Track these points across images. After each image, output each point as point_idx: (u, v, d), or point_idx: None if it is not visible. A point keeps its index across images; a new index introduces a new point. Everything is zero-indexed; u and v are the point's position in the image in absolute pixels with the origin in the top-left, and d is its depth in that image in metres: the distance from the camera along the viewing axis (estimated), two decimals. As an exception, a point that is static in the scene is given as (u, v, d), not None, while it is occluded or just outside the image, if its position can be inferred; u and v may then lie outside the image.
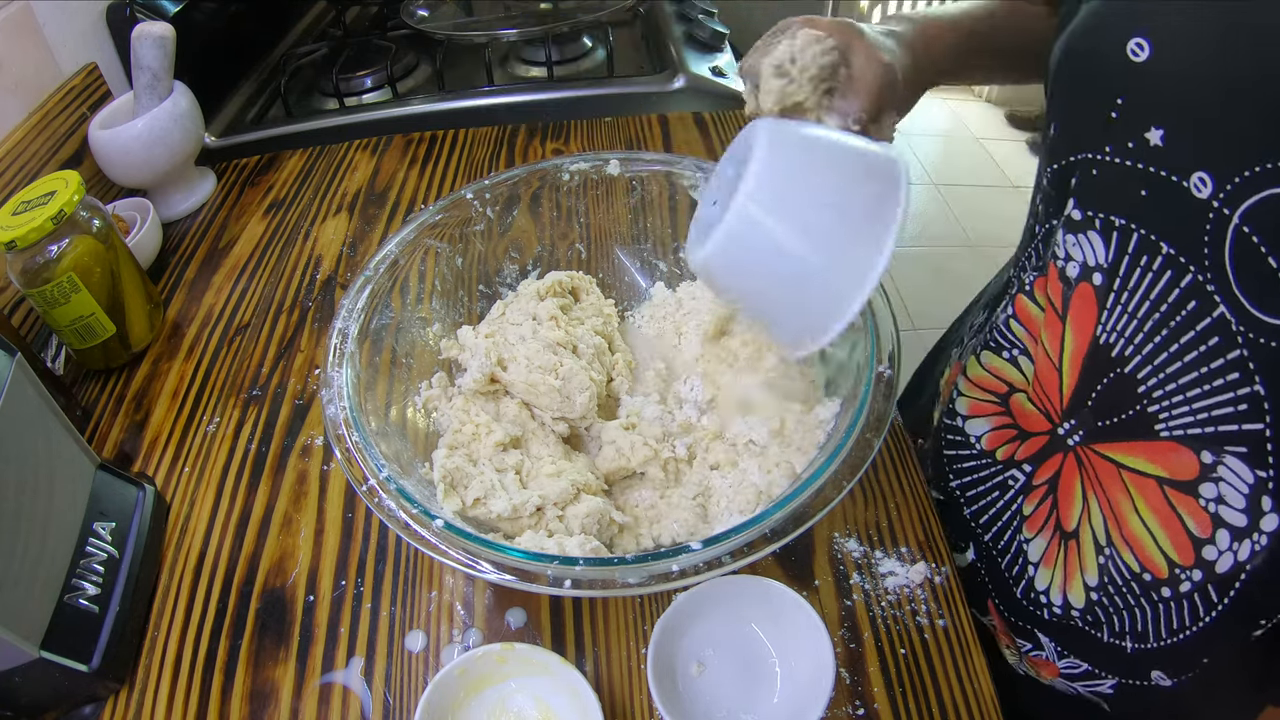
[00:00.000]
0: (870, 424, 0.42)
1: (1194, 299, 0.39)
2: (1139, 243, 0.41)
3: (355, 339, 0.50)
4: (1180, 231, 0.39)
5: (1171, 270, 0.40)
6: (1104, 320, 0.44)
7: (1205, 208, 0.37)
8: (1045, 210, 0.50)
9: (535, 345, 0.53)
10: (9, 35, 0.77)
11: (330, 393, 0.47)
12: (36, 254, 0.61)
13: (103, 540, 0.51)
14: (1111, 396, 0.45)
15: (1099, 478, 0.47)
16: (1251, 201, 0.35)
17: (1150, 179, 0.40)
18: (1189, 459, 0.41)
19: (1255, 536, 0.39)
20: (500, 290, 0.64)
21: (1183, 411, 0.41)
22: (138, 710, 0.48)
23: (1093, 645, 0.51)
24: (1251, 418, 0.38)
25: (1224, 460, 0.40)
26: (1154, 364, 0.42)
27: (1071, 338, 0.47)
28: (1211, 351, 0.39)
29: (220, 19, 1.03)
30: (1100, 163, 0.42)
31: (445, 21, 1.11)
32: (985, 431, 0.57)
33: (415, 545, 0.39)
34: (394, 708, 0.47)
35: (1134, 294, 0.42)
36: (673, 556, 0.38)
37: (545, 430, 0.53)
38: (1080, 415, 0.48)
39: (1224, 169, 0.36)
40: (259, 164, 0.95)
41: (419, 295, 0.58)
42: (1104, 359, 0.45)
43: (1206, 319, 0.39)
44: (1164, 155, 0.39)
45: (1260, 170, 0.34)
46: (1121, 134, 0.40)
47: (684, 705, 0.45)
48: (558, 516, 0.48)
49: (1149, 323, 0.42)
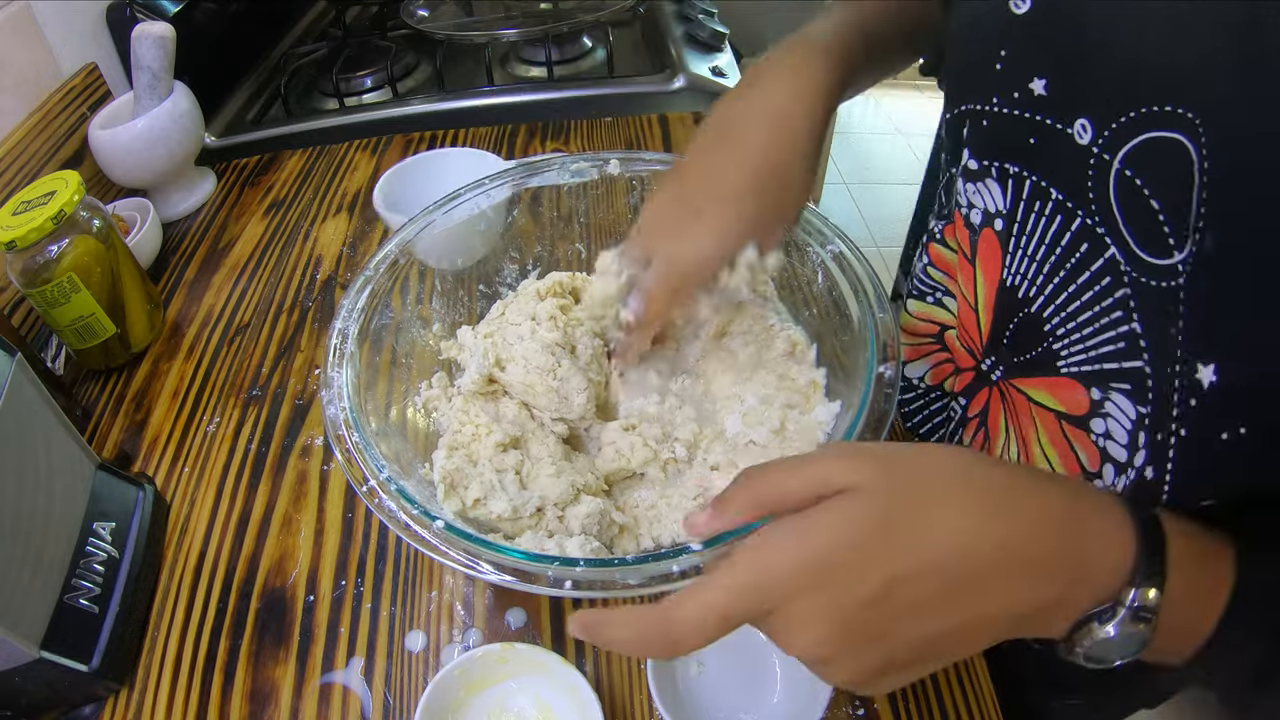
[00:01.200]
0: (870, 424, 0.42)
1: (1085, 241, 0.41)
2: (1031, 189, 0.43)
3: (355, 339, 0.50)
4: (1067, 177, 0.41)
5: (1062, 215, 0.42)
6: (1008, 264, 0.46)
7: (1087, 153, 0.38)
8: (946, 160, 0.52)
9: (534, 346, 0.53)
10: (9, 35, 0.77)
11: (330, 393, 0.47)
12: (36, 254, 0.61)
13: (103, 540, 0.51)
14: (1022, 335, 0.47)
15: (1016, 410, 0.49)
16: (1130, 145, 0.36)
17: (1037, 127, 0.41)
18: (1081, 395, 0.43)
19: (1129, 473, 0.40)
20: (500, 290, 0.64)
21: (1078, 349, 0.43)
22: (138, 710, 0.48)
23: None
24: (1130, 355, 0.39)
25: (1110, 397, 0.41)
26: (1055, 304, 0.43)
27: (983, 280, 0.49)
28: (1103, 291, 0.40)
29: (220, 19, 1.03)
30: (989, 113, 0.44)
31: (445, 21, 1.11)
32: (926, 370, 0.59)
33: (416, 546, 0.39)
34: (394, 708, 0.47)
35: (1032, 238, 0.44)
36: (673, 557, 0.38)
37: (545, 431, 0.53)
38: (999, 352, 0.50)
39: (1102, 115, 0.37)
40: (259, 164, 0.95)
41: (419, 295, 0.58)
42: (1012, 300, 0.46)
43: (1099, 260, 0.40)
44: (1047, 104, 0.40)
45: (1135, 115, 0.35)
46: (1007, 84, 0.42)
47: (684, 705, 0.45)
48: (558, 517, 0.48)
49: (1047, 265, 0.43)
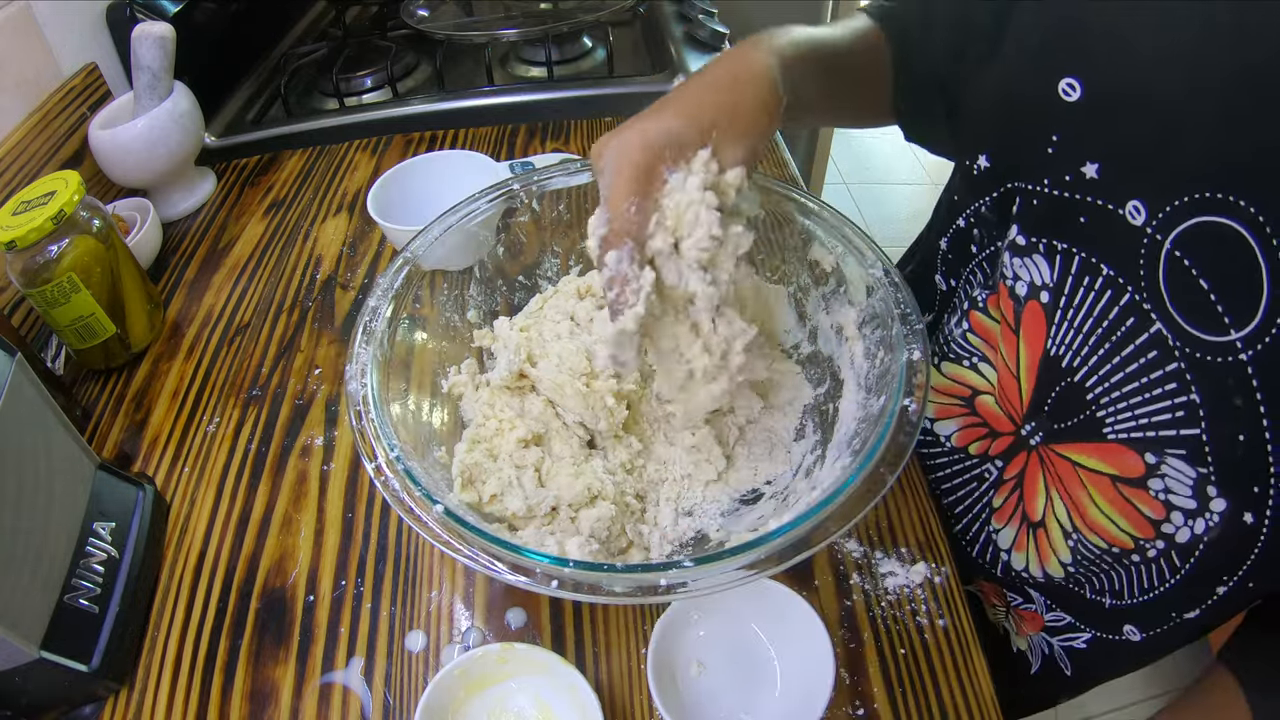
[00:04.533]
0: (887, 460, 0.40)
1: (1132, 316, 0.42)
2: (1080, 265, 0.44)
3: (386, 318, 0.50)
4: (1118, 255, 0.42)
5: (1111, 290, 0.43)
6: (1053, 334, 0.47)
7: (1140, 234, 0.40)
8: (985, 233, 0.54)
9: (570, 346, 0.53)
10: (9, 35, 0.77)
11: (354, 369, 0.46)
12: (36, 254, 0.61)
13: (103, 540, 0.51)
14: (1064, 403, 0.48)
15: (1059, 474, 0.50)
16: (1182, 228, 0.38)
17: (1088, 208, 0.42)
18: (1134, 460, 0.44)
19: (1207, 515, 0.42)
20: (540, 284, 0.63)
21: (1126, 417, 0.44)
22: (138, 710, 0.48)
23: (1076, 600, 0.55)
24: (1188, 423, 0.41)
25: (1166, 460, 0.42)
26: (1099, 374, 0.45)
27: (1025, 349, 0.49)
28: (1150, 364, 0.42)
29: (220, 19, 1.03)
30: (1040, 193, 0.45)
31: (445, 21, 1.11)
32: (954, 431, 0.59)
33: (415, 527, 0.39)
34: (394, 708, 0.47)
35: (1078, 311, 0.45)
36: (662, 570, 0.37)
37: (569, 431, 0.53)
38: (1039, 419, 0.51)
39: (1156, 199, 0.39)
40: (259, 164, 0.95)
41: (457, 281, 0.58)
42: (1055, 369, 0.47)
43: (1144, 334, 0.41)
44: (1100, 187, 0.42)
45: (1189, 199, 0.37)
46: (1059, 168, 0.43)
47: (684, 705, 0.45)
48: (570, 518, 0.48)
49: (1093, 337, 0.45)
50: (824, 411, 0.54)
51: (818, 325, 0.56)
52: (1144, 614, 0.50)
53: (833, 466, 0.47)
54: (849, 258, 0.51)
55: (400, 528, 0.56)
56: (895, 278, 0.48)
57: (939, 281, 0.63)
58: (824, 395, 0.55)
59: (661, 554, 0.49)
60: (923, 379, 0.43)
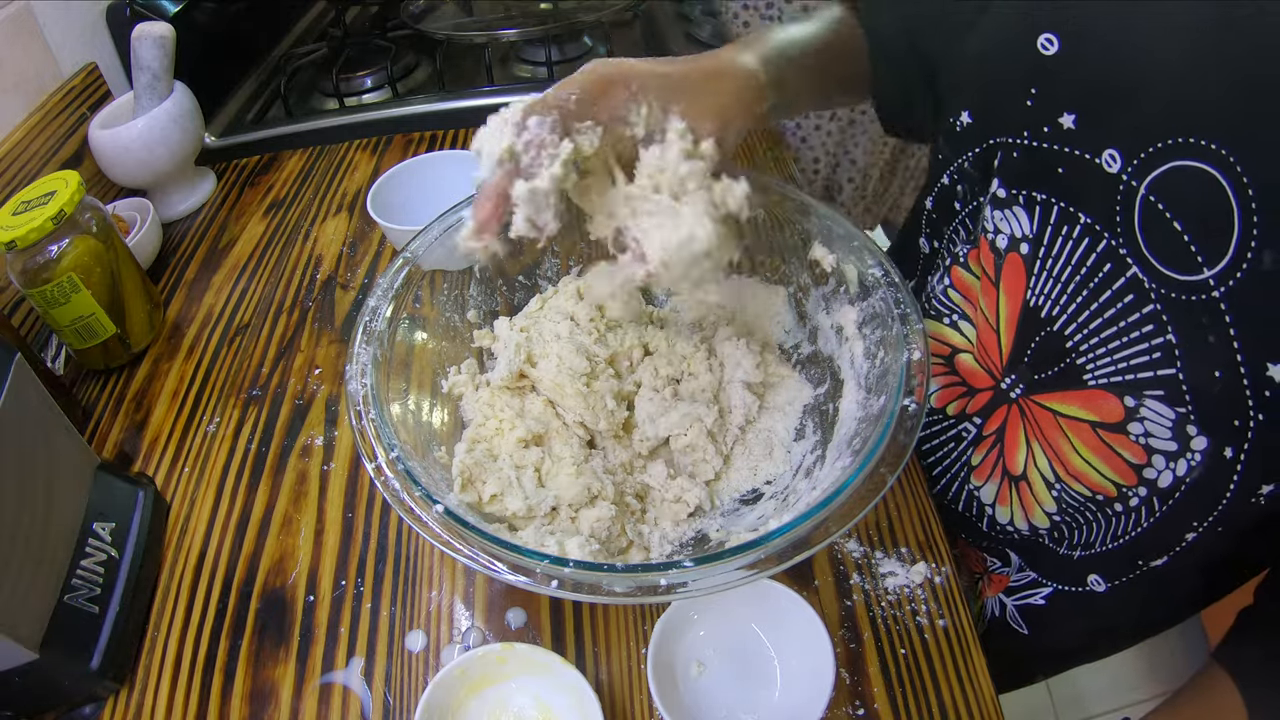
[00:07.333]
0: (887, 460, 0.41)
1: (1109, 262, 0.44)
2: (1059, 215, 0.46)
3: (386, 318, 0.50)
4: (1095, 204, 0.44)
5: (1089, 238, 0.44)
6: (1033, 285, 0.49)
7: (1116, 181, 0.41)
8: (968, 189, 0.55)
9: (569, 347, 0.53)
10: (9, 35, 0.77)
11: (354, 369, 0.46)
12: (36, 254, 0.61)
13: (103, 540, 0.51)
14: (1043, 352, 0.49)
15: (1039, 425, 0.51)
16: (1156, 173, 0.39)
17: (1066, 158, 0.44)
18: (1114, 404, 0.46)
19: (1189, 455, 0.43)
20: (540, 284, 0.63)
21: (1105, 362, 0.46)
22: (138, 710, 0.48)
23: (1049, 556, 0.57)
24: (1165, 364, 0.42)
25: (1145, 403, 0.44)
26: (1078, 321, 0.46)
27: (1005, 302, 0.51)
28: (1127, 308, 0.43)
29: (220, 19, 1.03)
30: (1020, 145, 0.47)
31: (445, 21, 1.10)
32: (933, 391, 0.60)
33: (415, 527, 0.39)
34: (394, 708, 0.47)
35: (1057, 260, 0.47)
36: (662, 570, 0.37)
37: (569, 431, 0.53)
38: (1019, 370, 0.52)
39: (1131, 146, 0.40)
40: (259, 164, 0.95)
41: (457, 281, 0.58)
42: (1035, 319, 0.49)
43: (1121, 279, 0.43)
44: (1077, 137, 0.43)
45: (1162, 145, 0.38)
46: (1037, 120, 0.45)
47: (684, 705, 0.45)
48: (570, 518, 0.48)
49: (1071, 285, 0.46)
50: (824, 411, 0.54)
51: (818, 325, 0.56)
52: (1112, 561, 0.51)
53: (833, 466, 0.47)
54: (849, 258, 0.51)
55: (400, 528, 0.56)
56: (895, 277, 0.49)
57: (922, 245, 0.64)
58: (824, 395, 0.55)
59: (661, 554, 0.49)
60: (923, 379, 0.44)
